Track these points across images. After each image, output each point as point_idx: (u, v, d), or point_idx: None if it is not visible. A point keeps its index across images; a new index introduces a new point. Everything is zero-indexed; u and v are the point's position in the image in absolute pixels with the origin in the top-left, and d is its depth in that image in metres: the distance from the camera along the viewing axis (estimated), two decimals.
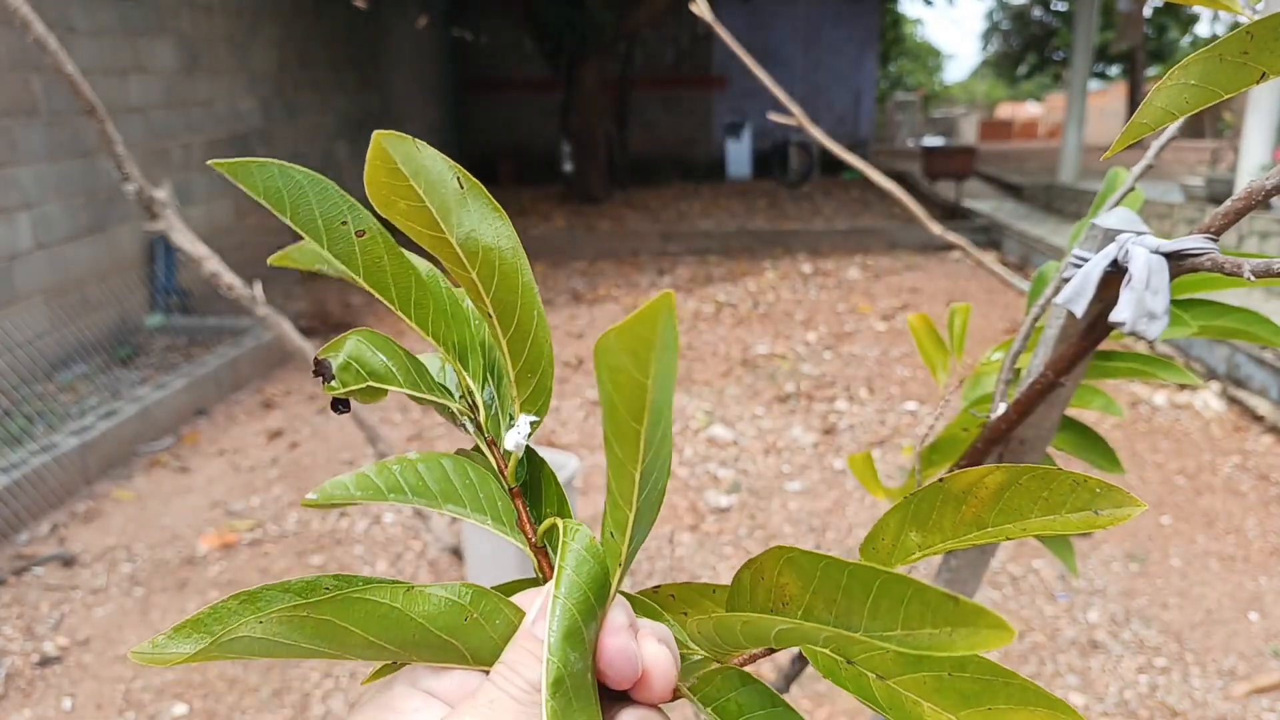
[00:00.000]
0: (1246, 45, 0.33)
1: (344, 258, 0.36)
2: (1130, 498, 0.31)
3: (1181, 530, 2.91)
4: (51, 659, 2.31)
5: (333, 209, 0.36)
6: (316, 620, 0.30)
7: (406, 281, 0.38)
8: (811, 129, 1.06)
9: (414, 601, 0.31)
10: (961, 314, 0.82)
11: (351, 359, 0.39)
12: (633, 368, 0.29)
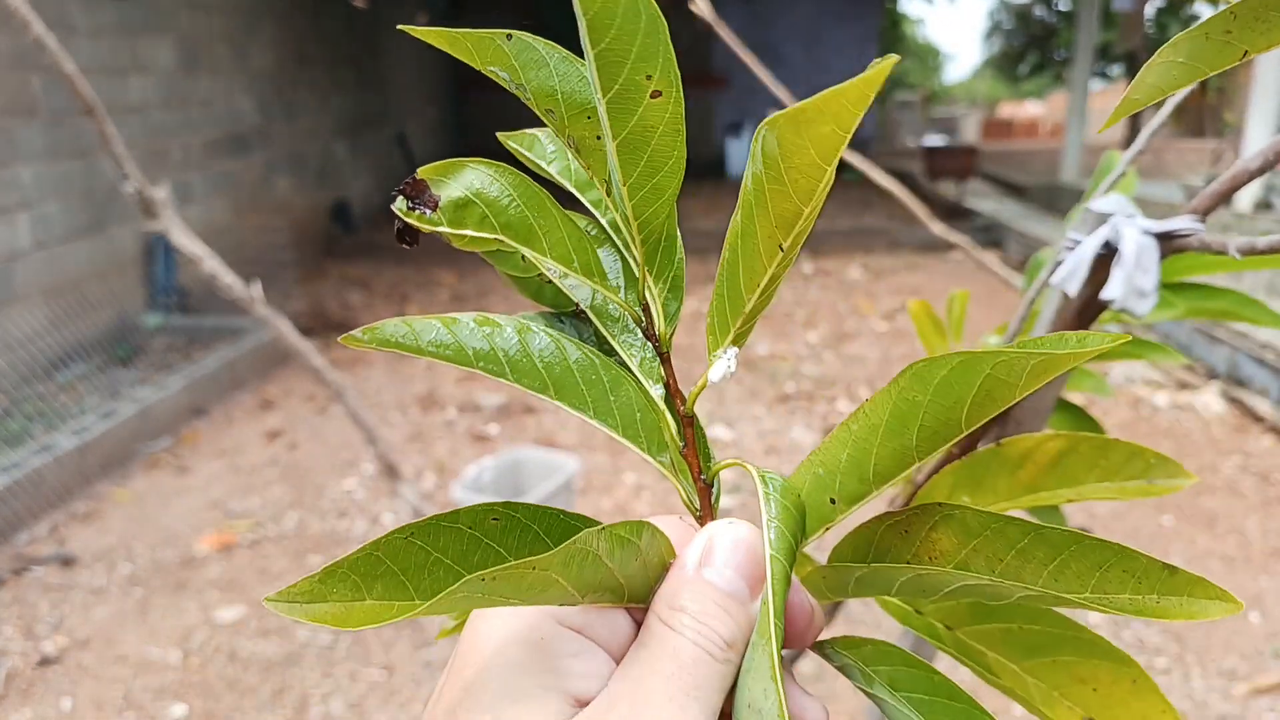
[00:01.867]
0: (1230, 24, 0.34)
1: (617, 113, 0.30)
2: (1182, 469, 0.31)
3: (1182, 530, 2.90)
4: (51, 659, 2.31)
5: (650, 57, 0.29)
6: (538, 575, 0.27)
7: (662, 160, 0.31)
8: None
9: (613, 547, 0.28)
10: (960, 300, 0.83)
11: (477, 197, 0.31)
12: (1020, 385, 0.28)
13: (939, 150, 10.11)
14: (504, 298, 6.14)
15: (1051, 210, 8.63)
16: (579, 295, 0.35)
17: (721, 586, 0.29)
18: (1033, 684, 0.31)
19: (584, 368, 0.32)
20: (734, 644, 0.29)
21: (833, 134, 0.29)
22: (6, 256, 4.02)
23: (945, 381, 0.30)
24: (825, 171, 0.30)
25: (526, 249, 0.31)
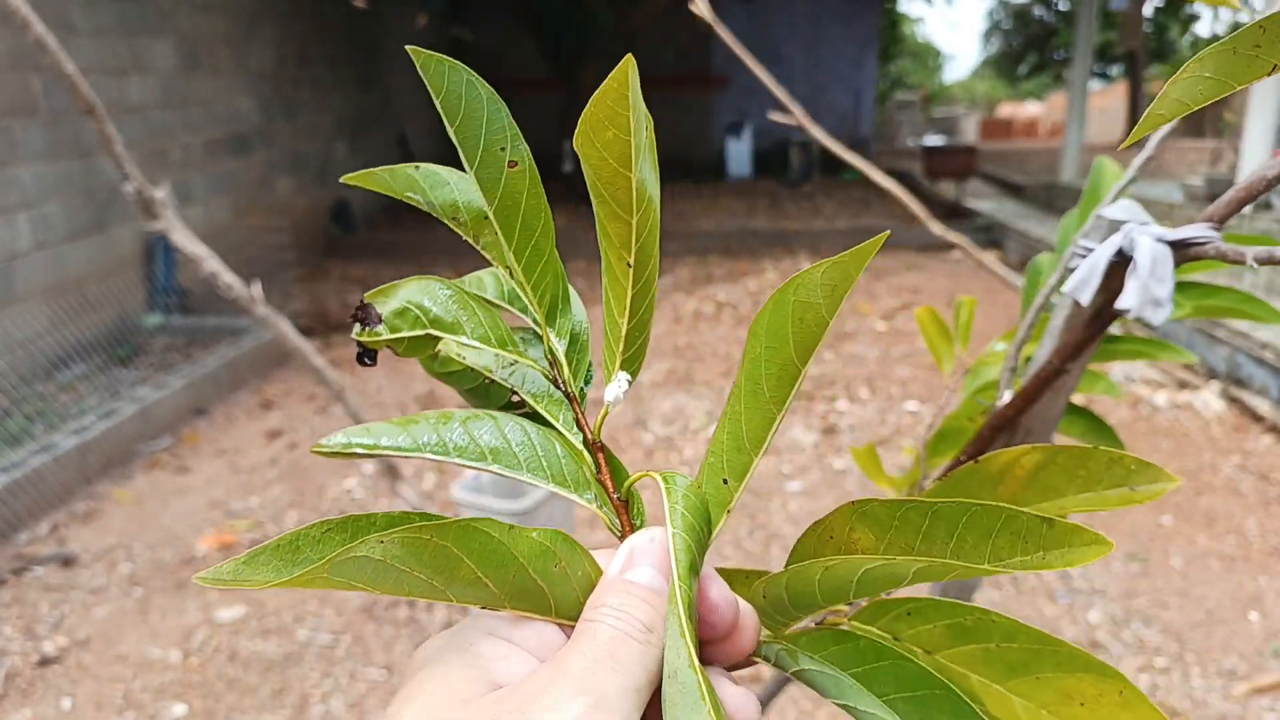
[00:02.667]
0: (1259, 39, 0.34)
1: (486, 184, 0.36)
2: (1164, 473, 0.31)
3: (1182, 530, 2.91)
4: (51, 659, 2.31)
5: (498, 132, 0.35)
6: (436, 545, 0.30)
7: (534, 221, 0.37)
8: (812, 128, 1.06)
9: (517, 539, 0.31)
10: (967, 307, 0.82)
11: (410, 304, 0.36)
12: (823, 303, 0.33)
13: (938, 150, 10.11)
14: None
15: (1051, 210, 8.63)
16: (509, 372, 0.39)
17: (640, 581, 0.32)
18: (1019, 704, 0.30)
19: (518, 437, 0.36)
20: (653, 627, 0.31)
21: (616, 138, 0.33)
22: (7, 256, 4.02)
23: (769, 326, 0.34)
24: (630, 179, 0.32)
25: (450, 335, 0.37)
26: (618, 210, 0.34)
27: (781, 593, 0.32)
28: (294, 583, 0.29)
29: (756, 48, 13.20)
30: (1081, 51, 8.89)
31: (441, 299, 0.37)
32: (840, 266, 0.33)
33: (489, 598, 0.31)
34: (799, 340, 0.35)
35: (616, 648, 0.29)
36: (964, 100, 32.04)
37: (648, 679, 0.29)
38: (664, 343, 4.96)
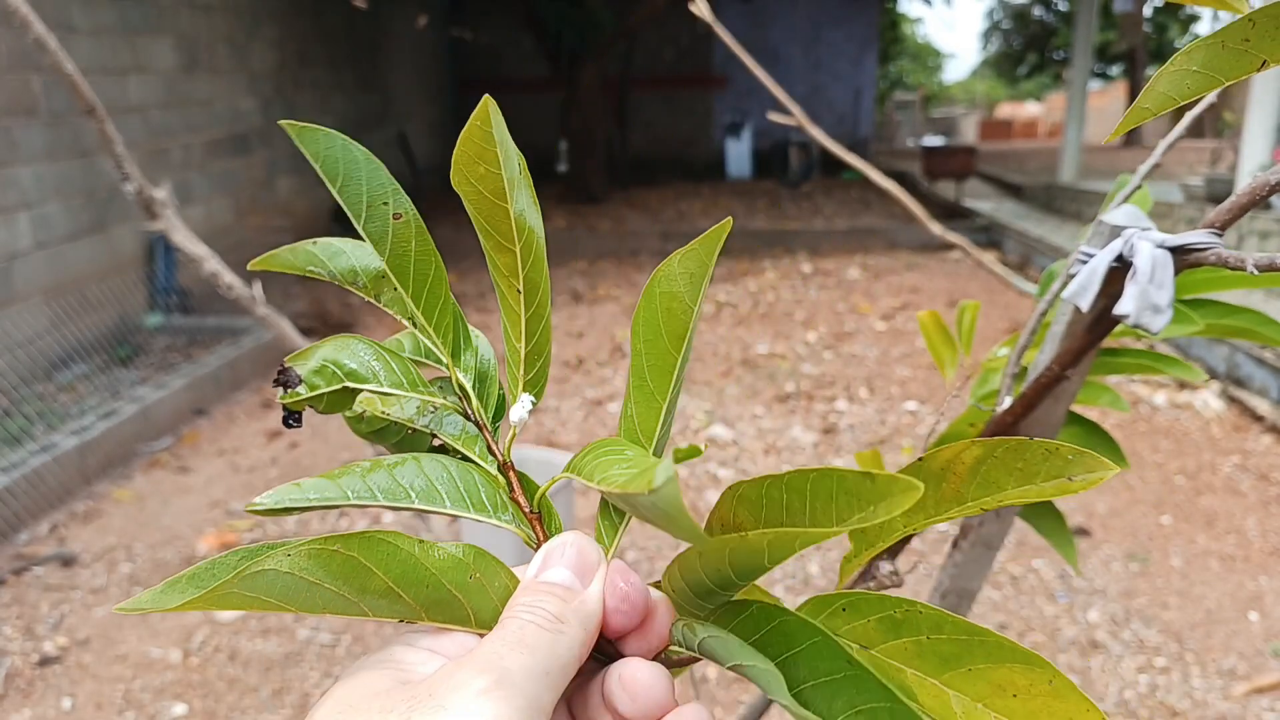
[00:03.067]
0: (1248, 33, 0.33)
1: (375, 237, 0.38)
2: (1101, 461, 0.31)
3: (1181, 530, 2.91)
4: (51, 659, 2.31)
5: (379, 189, 0.38)
6: (344, 557, 0.31)
7: (425, 268, 0.39)
8: (811, 129, 1.06)
9: (428, 551, 0.32)
10: (970, 312, 0.82)
11: (327, 362, 0.39)
12: (686, 291, 0.35)
13: (937, 150, 10.11)
14: None
15: (1050, 210, 8.63)
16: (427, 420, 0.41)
17: (552, 579, 0.33)
18: (954, 697, 0.31)
19: (438, 474, 0.38)
20: (563, 618, 0.32)
21: (488, 172, 0.35)
22: (7, 256, 4.02)
23: (644, 320, 0.37)
24: (507, 210, 0.35)
25: (365, 386, 0.38)
26: (501, 241, 0.37)
27: (682, 584, 0.33)
28: (205, 600, 0.30)
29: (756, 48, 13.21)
30: (1081, 51, 8.89)
31: (357, 354, 0.39)
32: (694, 255, 0.36)
33: (405, 610, 0.32)
34: (670, 330, 0.37)
35: (524, 634, 0.30)
36: (963, 100, 32.03)
37: (559, 665, 0.30)
38: None
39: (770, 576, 2.68)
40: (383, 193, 0.38)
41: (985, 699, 0.30)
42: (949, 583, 0.77)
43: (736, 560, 0.30)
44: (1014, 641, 0.30)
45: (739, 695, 2.15)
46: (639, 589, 0.34)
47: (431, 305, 0.40)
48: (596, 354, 4.83)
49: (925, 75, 30.75)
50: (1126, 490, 3.18)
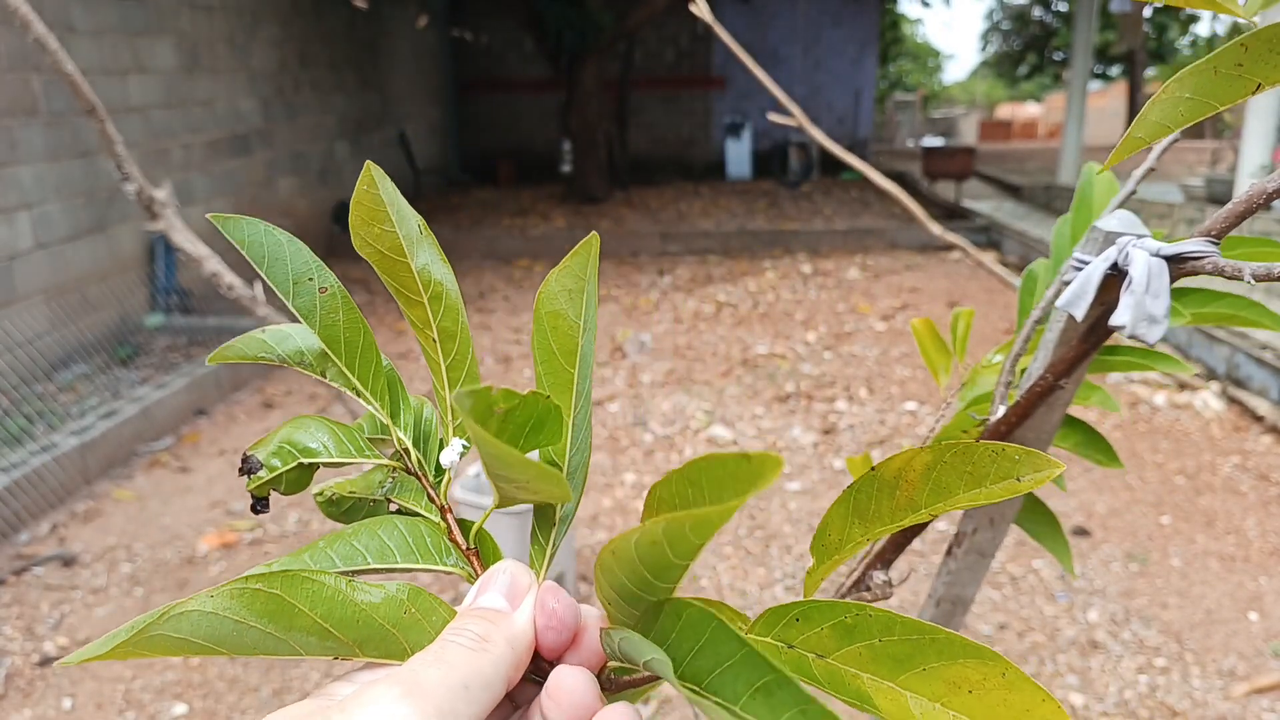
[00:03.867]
0: (1241, 58, 0.33)
1: (304, 311, 0.40)
2: (1047, 460, 0.31)
3: (1181, 530, 2.91)
4: (52, 659, 2.31)
5: (303, 266, 0.40)
6: (267, 595, 0.31)
7: (355, 336, 0.41)
8: (811, 129, 1.06)
9: (355, 590, 0.33)
10: (965, 319, 0.82)
11: (285, 443, 0.40)
12: (569, 309, 0.37)
13: (937, 151, 10.11)
14: (504, 298, 6.15)
15: (1049, 211, 8.63)
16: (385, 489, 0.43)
17: (484, 604, 0.34)
18: (911, 699, 0.31)
19: (391, 535, 0.39)
20: (487, 637, 0.32)
21: (384, 232, 0.37)
22: (7, 256, 4.03)
23: (538, 343, 0.39)
24: (409, 265, 0.38)
25: (317, 459, 0.40)
26: (410, 295, 0.39)
27: (609, 593, 0.33)
28: (132, 645, 0.30)
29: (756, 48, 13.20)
30: (1080, 52, 8.90)
31: (311, 430, 0.41)
32: (569, 271, 0.38)
33: (337, 647, 0.33)
34: (562, 347, 0.39)
35: (443, 652, 0.31)
36: (963, 101, 32.03)
37: (480, 681, 0.31)
38: (664, 343, 4.96)
39: (772, 589, 2.69)
40: (307, 270, 0.40)
41: (942, 698, 0.30)
42: (944, 590, 0.77)
43: (645, 557, 0.30)
44: (963, 637, 0.30)
45: None
46: (568, 606, 0.35)
47: (365, 371, 0.42)
48: (597, 354, 4.82)
49: (925, 76, 30.75)
50: (1126, 490, 3.18)
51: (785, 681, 0.27)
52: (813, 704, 0.26)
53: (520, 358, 4.79)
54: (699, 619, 0.31)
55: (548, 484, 0.31)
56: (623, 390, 4.24)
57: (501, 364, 4.70)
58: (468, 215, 8.87)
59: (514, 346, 5.00)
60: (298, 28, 7.14)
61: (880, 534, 0.34)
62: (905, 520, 0.33)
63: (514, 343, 5.08)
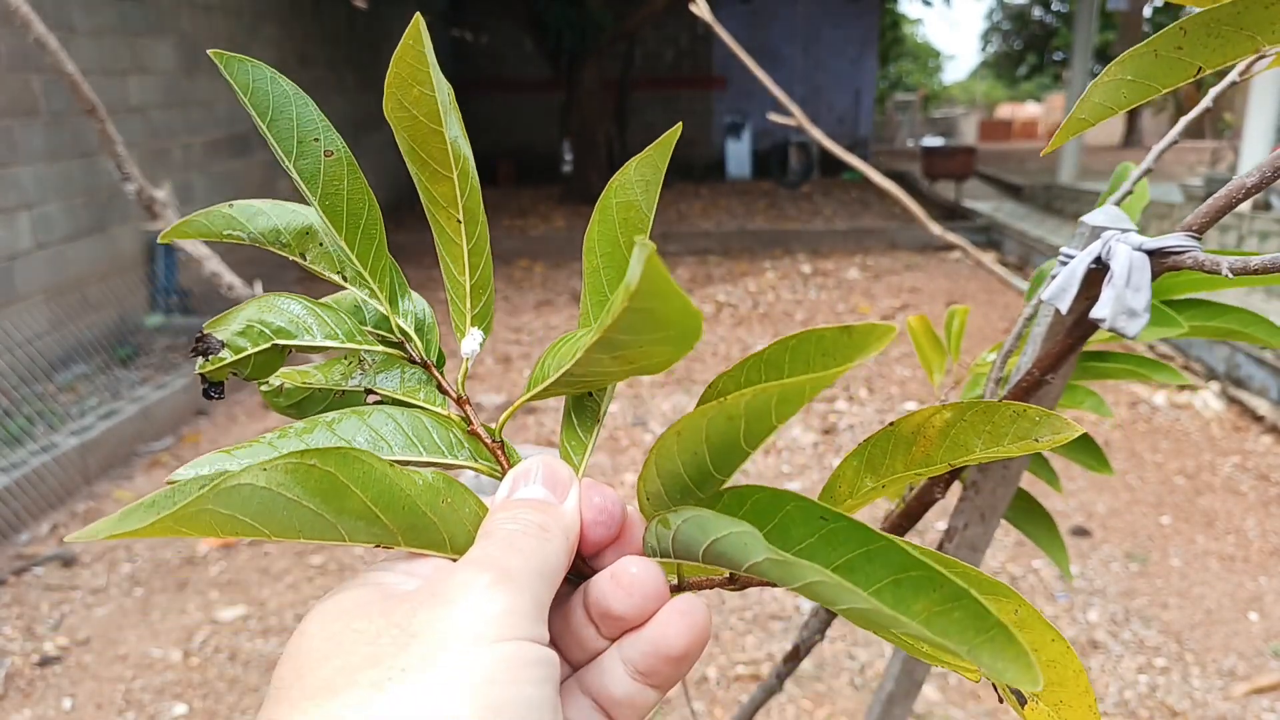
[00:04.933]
0: (1180, 41, 0.33)
1: (307, 175, 0.36)
2: (1065, 422, 0.32)
3: (1181, 530, 2.91)
4: (51, 659, 2.32)
5: (309, 125, 0.36)
6: (321, 472, 0.30)
7: (359, 207, 0.37)
8: (811, 129, 1.06)
9: (400, 475, 0.31)
10: (959, 316, 0.82)
11: (252, 322, 0.36)
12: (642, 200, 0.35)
13: (937, 151, 10.11)
14: (504, 298, 6.15)
15: (1049, 211, 8.63)
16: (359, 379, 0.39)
17: (530, 496, 0.33)
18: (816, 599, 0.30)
19: (385, 424, 0.36)
20: (547, 527, 0.31)
21: (422, 95, 0.34)
22: (7, 256, 4.03)
23: (600, 235, 0.38)
24: (442, 134, 0.34)
25: (295, 342, 0.36)
26: (437, 169, 0.35)
27: (656, 484, 0.32)
28: (174, 520, 0.28)
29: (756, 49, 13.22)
30: (1080, 52, 8.90)
31: (283, 310, 0.37)
32: (649, 160, 0.37)
33: (382, 533, 0.31)
34: (628, 241, 0.37)
35: (514, 540, 0.30)
36: (963, 101, 32.04)
37: (550, 570, 0.30)
38: None
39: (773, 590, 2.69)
40: (313, 129, 0.36)
41: None
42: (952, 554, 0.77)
43: (714, 435, 0.29)
44: (980, 572, 0.30)
45: (738, 695, 2.15)
46: (614, 500, 0.34)
47: (366, 249, 0.38)
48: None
49: (925, 76, 30.76)
50: (1126, 490, 3.18)
51: (888, 547, 0.26)
52: (914, 567, 0.25)
53: (520, 358, 4.79)
54: (771, 500, 0.30)
55: (678, 339, 0.28)
56: (623, 390, 4.25)
57: (501, 364, 4.69)
58: None
59: (514, 347, 5.00)
60: (298, 28, 7.14)
61: (891, 483, 0.34)
62: (918, 473, 0.33)
63: (514, 343, 5.08)
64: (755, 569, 0.28)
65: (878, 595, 0.26)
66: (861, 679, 2.20)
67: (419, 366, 0.39)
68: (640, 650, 0.31)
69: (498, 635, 0.27)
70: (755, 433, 0.28)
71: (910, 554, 0.26)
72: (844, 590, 0.25)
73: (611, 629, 0.32)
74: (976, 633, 0.24)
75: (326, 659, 0.27)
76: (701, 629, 0.31)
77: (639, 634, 0.32)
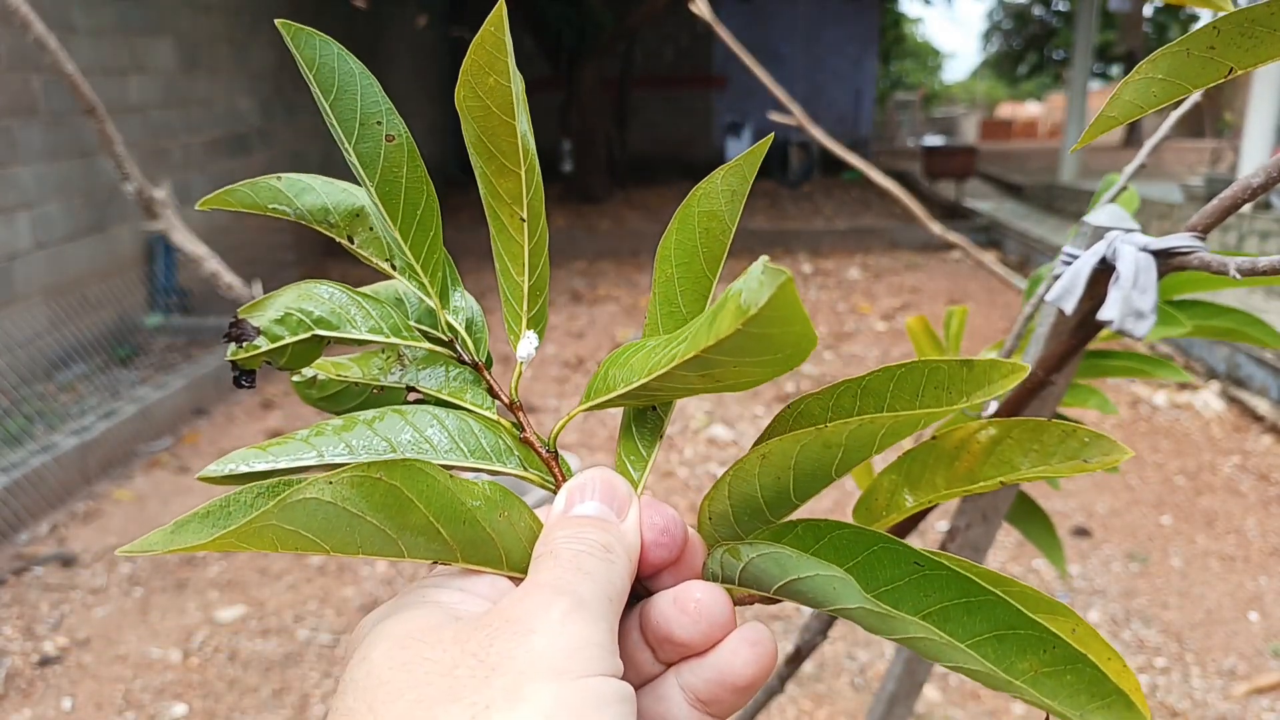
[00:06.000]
0: (1213, 40, 0.33)
1: (365, 159, 0.35)
2: (1117, 445, 0.31)
3: (1181, 530, 2.91)
4: (51, 659, 2.31)
5: (373, 106, 0.35)
6: (386, 486, 0.28)
7: (417, 196, 0.36)
8: (811, 128, 1.06)
9: (461, 487, 0.30)
10: (958, 316, 0.82)
11: (291, 309, 0.34)
12: (726, 211, 0.34)
13: (938, 150, 10.11)
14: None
15: (1050, 210, 8.62)
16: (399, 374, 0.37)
17: (589, 513, 0.32)
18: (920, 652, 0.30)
19: (429, 424, 0.34)
20: (610, 547, 0.30)
21: (498, 84, 0.32)
22: (7, 256, 4.02)
23: (678, 244, 0.36)
24: (514, 127, 0.32)
25: (336, 333, 0.34)
26: (505, 163, 0.34)
27: (725, 505, 0.31)
28: (236, 536, 0.27)
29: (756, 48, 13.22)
30: (1081, 51, 8.90)
31: (324, 299, 0.35)
32: (737, 170, 0.35)
33: (442, 549, 0.30)
34: (707, 252, 0.36)
35: (581, 561, 0.29)
36: (963, 100, 32.03)
37: (616, 594, 0.29)
38: None
39: None
40: (376, 111, 0.35)
41: None
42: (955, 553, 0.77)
43: (804, 461, 0.28)
44: (1036, 590, 0.30)
45: None
46: (676, 521, 0.33)
47: (421, 240, 0.36)
48: (596, 354, 4.83)
49: (925, 75, 30.75)
50: (1126, 490, 3.18)
51: (995, 602, 0.25)
52: (1022, 625, 0.24)
53: None
54: (854, 538, 0.28)
55: (781, 364, 0.26)
56: None
57: (501, 363, 4.69)
58: (467, 215, 8.86)
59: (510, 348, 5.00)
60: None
61: (932, 501, 0.34)
62: (958, 489, 0.33)
63: None
64: (845, 614, 0.26)
65: (977, 649, 0.25)
66: (862, 680, 2.20)
67: (464, 366, 0.38)
68: (703, 678, 0.30)
69: (581, 670, 0.26)
70: (849, 462, 0.28)
71: (1020, 612, 0.25)
72: (952, 649, 0.24)
73: (671, 654, 0.31)
74: (1090, 698, 0.24)
75: (400, 692, 0.26)
76: (770, 659, 0.30)
77: (701, 661, 0.31)
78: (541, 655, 0.26)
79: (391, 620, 0.29)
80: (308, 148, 7.29)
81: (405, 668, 0.27)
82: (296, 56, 0.34)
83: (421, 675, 0.26)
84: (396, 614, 0.29)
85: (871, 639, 2.34)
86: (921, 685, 0.82)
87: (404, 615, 0.29)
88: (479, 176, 0.35)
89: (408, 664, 0.27)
